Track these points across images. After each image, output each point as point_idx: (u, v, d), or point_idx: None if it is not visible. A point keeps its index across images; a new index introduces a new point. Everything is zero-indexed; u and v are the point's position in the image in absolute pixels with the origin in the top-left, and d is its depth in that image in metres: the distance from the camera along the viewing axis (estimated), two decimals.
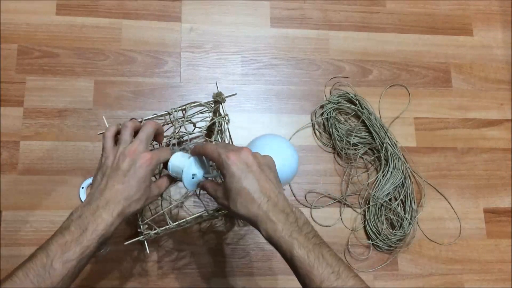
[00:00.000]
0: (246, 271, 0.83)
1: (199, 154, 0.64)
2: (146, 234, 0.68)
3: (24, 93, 0.85)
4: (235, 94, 0.73)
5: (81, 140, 0.84)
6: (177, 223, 0.70)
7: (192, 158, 0.64)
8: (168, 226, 0.69)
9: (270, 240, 0.54)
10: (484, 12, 1.04)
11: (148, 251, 0.70)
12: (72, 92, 0.86)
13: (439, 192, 0.92)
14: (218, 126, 0.76)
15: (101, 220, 0.55)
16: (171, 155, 0.64)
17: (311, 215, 0.87)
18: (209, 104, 0.72)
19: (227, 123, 0.73)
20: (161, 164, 0.67)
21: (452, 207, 0.91)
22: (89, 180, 0.78)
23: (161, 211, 0.71)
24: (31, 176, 0.82)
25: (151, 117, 0.70)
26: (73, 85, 0.87)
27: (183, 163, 0.63)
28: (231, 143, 0.73)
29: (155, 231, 0.69)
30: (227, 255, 0.83)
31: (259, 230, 0.55)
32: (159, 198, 0.69)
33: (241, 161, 0.56)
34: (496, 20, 1.04)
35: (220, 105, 0.72)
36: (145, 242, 0.69)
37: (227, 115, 0.73)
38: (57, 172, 0.82)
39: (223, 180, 0.58)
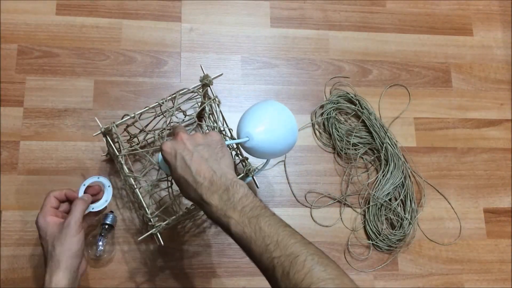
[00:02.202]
0: (247, 271, 0.83)
1: None
2: (157, 226, 0.68)
3: (24, 93, 0.85)
4: (221, 74, 0.73)
5: (81, 140, 0.84)
6: (186, 209, 0.71)
7: None
8: (178, 215, 0.70)
9: (211, 220, 0.55)
10: (484, 12, 1.04)
11: (162, 243, 0.69)
12: (72, 92, 0.86)
13: (439, 192, 0.92)
14: (209, 110, 0.76)
15: None
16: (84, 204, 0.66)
17: (311, 215, 0.87)
18: (197, 88, 0.72)
19: (218, 105, 0.73)
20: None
21: (452, 207, 0.91)
22: (91, 179, 0.78)
23: (169, 202, 0.71)
24: (31, 176, 0.82)
25: (143, 110, 0.69)
26: (73, 85, 0.87)
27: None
28: (224, 124, 0.74)
29: (166, 221, 0.69)
30: (228, 255, 0.83)
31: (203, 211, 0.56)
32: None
33: (173, 149, 0.57)
34: (496, 20, 1.04)
35: (209, 88, 0.72)
36: (158, 234, 0.69)
37: (216, 97, 0.72)
38: (57, 172, 0.82)
39: None
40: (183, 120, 0.82)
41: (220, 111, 0.74)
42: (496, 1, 1.06)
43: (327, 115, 0.91)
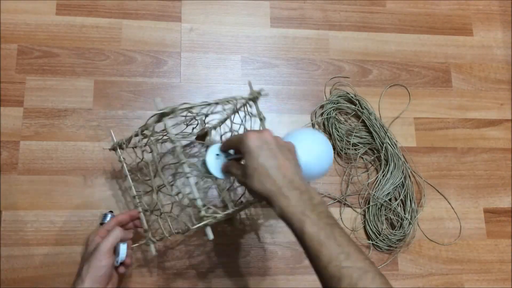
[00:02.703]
0: (247, 271, 0.83)
1: (226, 147, 0.66)
2: (209, 216, 0.62)
3: (24, 93, 0.85)
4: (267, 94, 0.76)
5: (81, 140, 0.84)
6: (240, 202, 0.71)
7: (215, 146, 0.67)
8: (229, 211, 0.67)
9: (283, 216, 0.55)
10: (484, 12, 1.04)
11: (212, 236, 0.62)
12: (72, 92, 0.86)
13: (439, 192, 0.92)
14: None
15: None
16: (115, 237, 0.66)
17: None
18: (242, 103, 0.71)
19: (263, 120, 0.71)
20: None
21: (452, 207, 0.91)
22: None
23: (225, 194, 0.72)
24: (31, 176, 0.82)
25: (212, 101, 0.66)
26: (73, 85, 0.87)
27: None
28: None
29: (219, 214, 0.65)
30: (228, 255, 0.83)
31: (273, 207, 0.55)
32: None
33: (260, 139, 0.57)
34: (496, 20, 1.04)
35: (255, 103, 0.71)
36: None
37: (261, 113, 0.70)
38: (57, 172, 0.82)
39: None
40: (231, 126, 0.79)
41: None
42: (496, 1, 1.06)
43: (327, 115, 0.91)
